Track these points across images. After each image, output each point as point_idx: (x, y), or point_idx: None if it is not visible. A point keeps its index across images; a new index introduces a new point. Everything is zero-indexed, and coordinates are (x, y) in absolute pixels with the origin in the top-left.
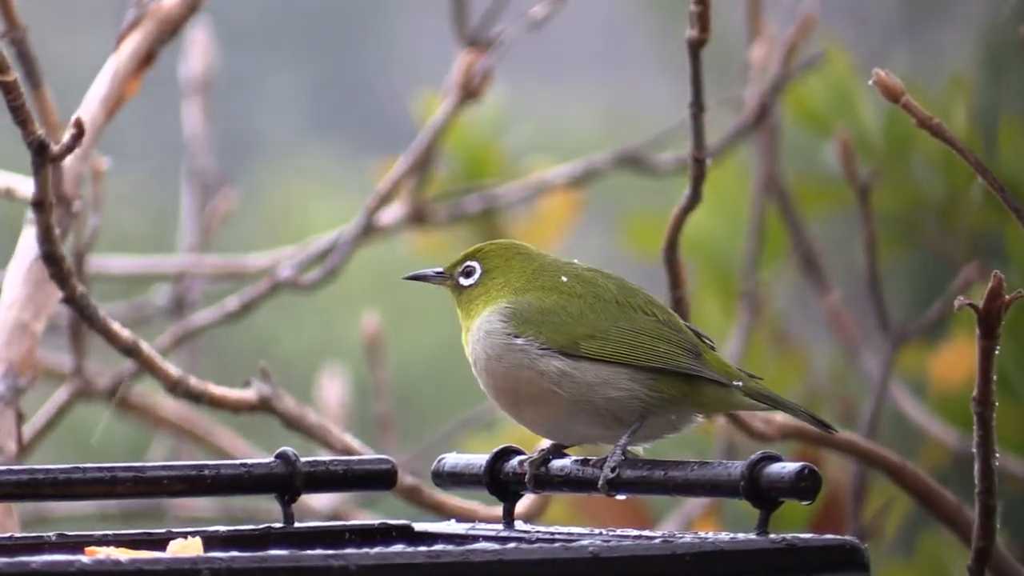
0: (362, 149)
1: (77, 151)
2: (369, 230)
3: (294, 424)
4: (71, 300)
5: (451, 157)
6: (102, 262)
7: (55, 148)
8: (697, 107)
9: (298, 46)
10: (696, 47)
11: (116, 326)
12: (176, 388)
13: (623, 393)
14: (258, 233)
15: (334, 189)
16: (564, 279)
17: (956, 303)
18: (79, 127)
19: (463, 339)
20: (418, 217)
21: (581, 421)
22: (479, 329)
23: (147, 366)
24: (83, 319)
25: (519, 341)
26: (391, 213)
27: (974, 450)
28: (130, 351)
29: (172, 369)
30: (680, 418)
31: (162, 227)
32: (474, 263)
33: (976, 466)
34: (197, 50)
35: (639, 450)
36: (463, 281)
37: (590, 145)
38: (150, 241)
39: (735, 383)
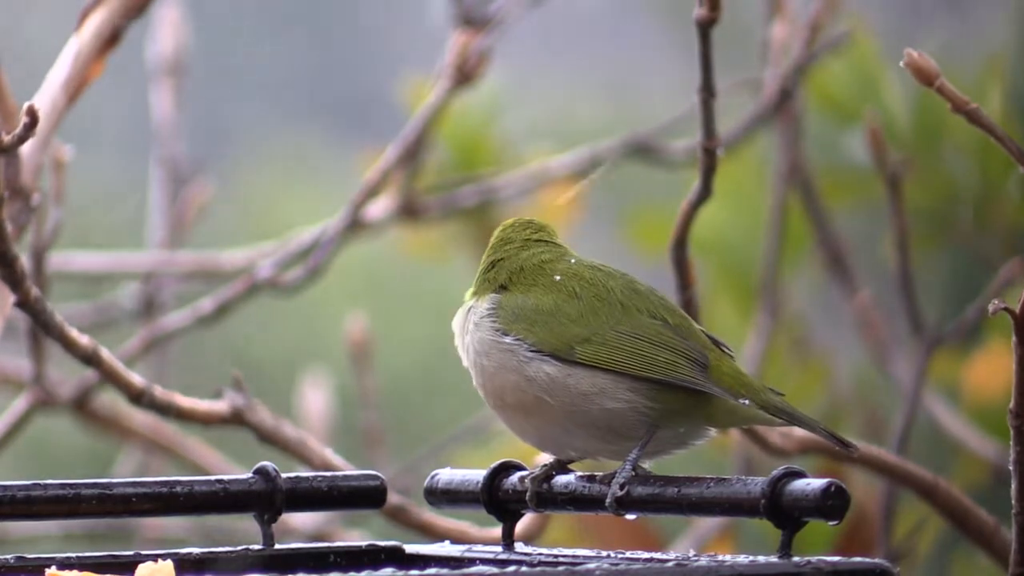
0: (348, 137)
1: (36, 139)
2: (355, 225)
3: (269, 438)
4: (24, 304)
5: (444, 146)
6: (64, 260)
7: (6, 138)
8: (707, 92)
9: (277, 24)
10: (705, 27)
11: (74, 332)
12: (140, 399)
13: (621, 405)
14: (234, 228)
15: (317, 181)
16: (558, 278)
17: (990, 307)
18: (32, 115)
19: (456, 317)
20: (408, 211)
21: (575, 434)
22: (468, 319)
23: (108, 375)
24: (37, 325)
25: (507, 340)
26: (379, 207)
27: (1010, 467)
28: (89, 359)
29: (136, 378)
30: (690, 432)
31: (130, 222)
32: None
33: (1013, 484)
34: (167, 28)
35: (646, 466)
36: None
37: (594, 132)
38: (116, 237)
39: (742, 400)
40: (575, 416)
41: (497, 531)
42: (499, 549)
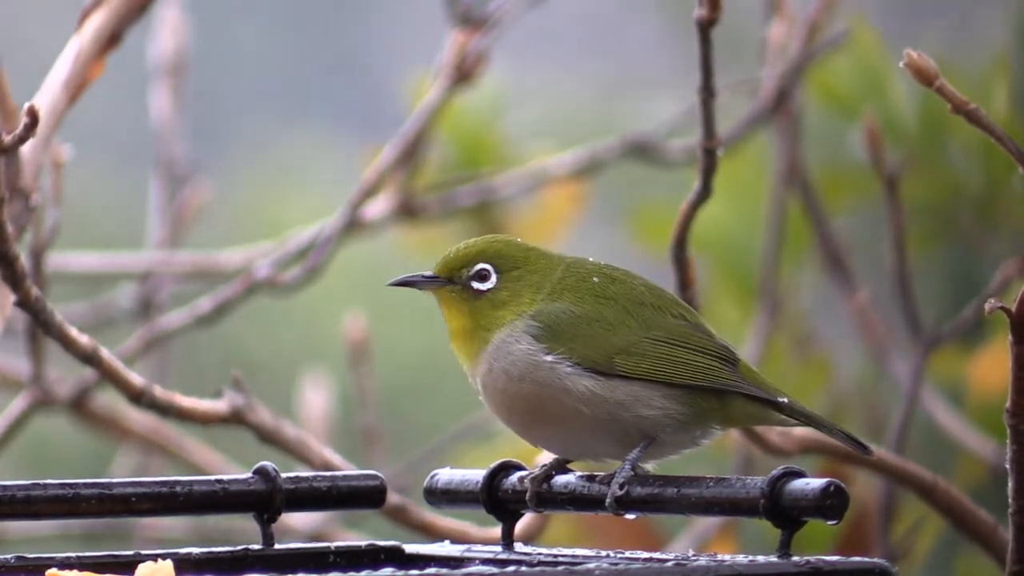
0: (346, 136)
1: (36, 139)
2: (353, 225)
3: (270, 438)
4: (25, 304)
5: (444, 144)
6: (62, 260)
7: (7, 138)
8: (707, 93)
9: (277, 25)
10: (705, 27)
11: (74, 332)
12: (140, 399)
13: (656, 412)
14: (232, 228)
15: (315, 180)
16: (596, 280)
17: (987, 306)
18: (33, 116)
19: (467, 352)
20: (407, 210)
21: (605, 440)
22: (499, 348)
23: (108, 375)
24: (38, 324)
25: (548, 358)
26: (377, 206)
27: (1007, 466)
28: (89, 359)
29: (136, 378)
30: (704, 432)
31: (128, 222)
32: (485, 265)
33: (1010, 483)
34: (167, 29)
35: (649, 466)
36: (478, 285)
37: (593, 132)
38: (115, 237)
39: (782, 399)
40: (608, 424)
41: (497, 531)
42: (499, 549)
